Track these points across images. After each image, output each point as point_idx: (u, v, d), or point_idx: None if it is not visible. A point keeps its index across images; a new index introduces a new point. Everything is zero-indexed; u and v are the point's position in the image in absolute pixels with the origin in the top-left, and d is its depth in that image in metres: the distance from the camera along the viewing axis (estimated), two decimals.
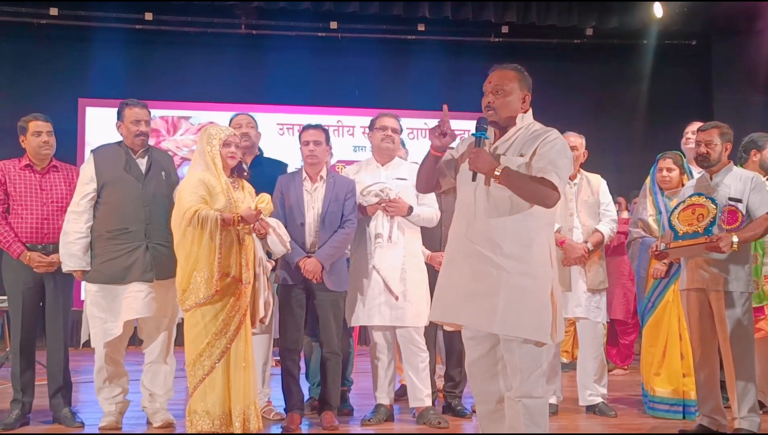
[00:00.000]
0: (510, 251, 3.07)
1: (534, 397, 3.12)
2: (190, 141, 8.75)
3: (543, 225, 3.16)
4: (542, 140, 3.13)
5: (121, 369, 4.55)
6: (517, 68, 3.24)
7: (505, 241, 3.08)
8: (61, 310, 4.58)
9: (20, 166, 4.59)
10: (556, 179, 3.05)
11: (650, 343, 4.90)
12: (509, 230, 3.09)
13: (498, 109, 3.17)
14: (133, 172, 4.46)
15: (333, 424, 4.48)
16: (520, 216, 3.10)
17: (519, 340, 3.08)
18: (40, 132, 4.57)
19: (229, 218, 4.04)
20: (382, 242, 4.63)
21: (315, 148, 4.57)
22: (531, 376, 3.10)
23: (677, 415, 4.76)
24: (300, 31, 9.01)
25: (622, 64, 9.60)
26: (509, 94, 3.18)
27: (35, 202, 4.54)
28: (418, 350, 4.64)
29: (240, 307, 4.12)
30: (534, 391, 3.11)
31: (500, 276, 3.06)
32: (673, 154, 4.99)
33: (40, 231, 4.51)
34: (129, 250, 4.35)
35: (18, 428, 4.46)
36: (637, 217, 5.04)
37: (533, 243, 3.10)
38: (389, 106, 6.31)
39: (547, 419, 3.20)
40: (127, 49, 8.53)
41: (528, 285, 3.07)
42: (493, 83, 3.18)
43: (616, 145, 9.10)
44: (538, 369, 3.12)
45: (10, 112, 8.40)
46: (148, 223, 4.37)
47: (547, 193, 3.06)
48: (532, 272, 3.08)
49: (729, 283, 4.16)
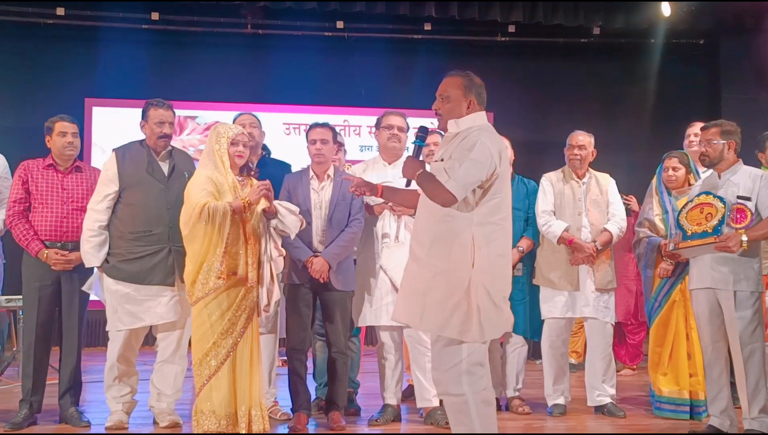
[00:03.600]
0: (433, 251, 3.23)
1: (452, 395, 3.19)
2: (197, 141, 8.75)
3: (469, 225, 3.24)
4: (459, 145, 3.27)
5: (132, 368, 4.56)
6: (461, 74, 3.40)
7: (429, 241, 3.25)
8: (78, 309, 4.59)
9: (43, 166, 4.62)
10: (444, 177, 3.18)
11: (657, 342, 4.88)
12: (432, 231, 3.26)
13: (444, 115, 3.37)
14: (155, 174, 4.47)
15: (340, 424, 4.47)
16: (443, 217, 3.24)
17: (440, 338, 3.22)
18: (65, 132, 4.60)
19: (239, 205, 4.04)
20: (390, 242, 4.62)
21: (322, 146, 4.56)
22: (447, 374, 3.20)
23: (684, 415, 4.74)
24: (306, 31, 8.99)
25: (630, 63, 9.55)
26: (452, 101, 3.35)
27: (56, 200, 4.56)
28: (425, 350, 4.61)
29: (246, 307, 4.11)
30: (452, 389, 3.19)
31: (425, 275, 3.22)
32: (678, 153, 4.97)
33: (59, 229, 4.53)
34: (152, 252, 4.38)
35: (26, 428, 4.46)
36: (644, 216, 5.02)
37: (454, 243, 3.21)
38: (395, 105, 6.28)
39: (475, 418, 3.17)
40: (133, 49, 8.52)
41: (445, 284, 3.19)
42: (440, 90, 3.38)
43: (624, 145, 9.05)
44: (455, 367, 3.18)
45: (17, 112, 8.49)
46: (170, 225, 4.37)
47: (439, 193, 3.19)
48: (450, 271, 3.19)
49: (738, 283, 4.14)
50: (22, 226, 4.51)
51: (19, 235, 4.51)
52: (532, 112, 9.21)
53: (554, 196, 4.99)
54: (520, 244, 5.00)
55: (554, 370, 4.96)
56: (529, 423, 4.75)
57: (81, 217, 4.52)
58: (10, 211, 4.54)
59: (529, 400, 5.11)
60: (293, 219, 4.26)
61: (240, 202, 4.06)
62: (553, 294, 4.92)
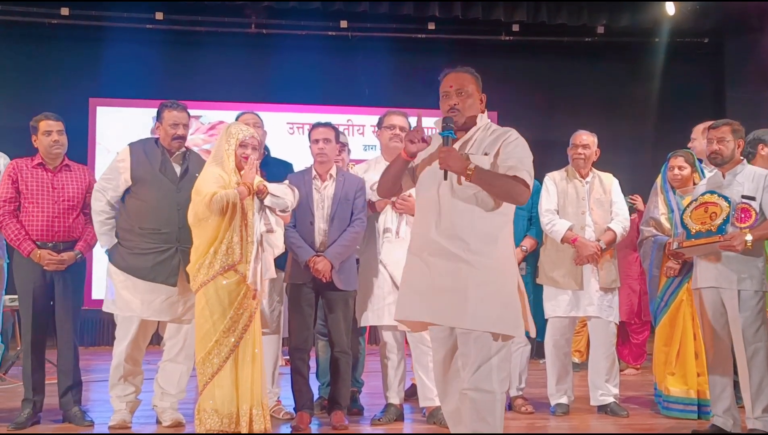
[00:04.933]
0: (476, 248, 3.13)
1: (483, 391, 3.11)
2: (201, 140, 8.76)
3: (507, 222, 3.27)
4: (504, 140, 3.23)
5: (138, 368, 4.57)
6: (471, 71, 3.36)
7: (471, 238, 3.14)
8: (71, 308, 4.59)
9: (32, 165, 4.60)
10: (527, 177, 3.17)
11: (664, 342, 4.87)
12: (476, 227, 3.16)
13: (462, 110, 3.27)
14: (168, 174, 4.48)
15: (343, 424, 4.47)
16: (486, 213, 3.18)
17: (476, 333, 3.11)
18: (50, 131, 4.58)
19: (243, 190, 4.07)
20: (391, 237, 4.61)
21: (325, 145, 4.56)
22: (481, 369, 3.11)
23: (692, 414, 4.71)
24: (310, 31, 9.00)
25: (634, 63, 9.54)
26: (471, 96, 3.29)
27: (46, 200, 4.54)
28: (427, 349, 4.59)
29: (248, 305, 4.11)
30: (483, 385, 3.11)
31: (468, 272, 3.11)
32: (684, 152, 4.96)
33: (50, 229, 4.52)
34: (159, 251, 4.38)
35: (29, 427, 4.47)
36: (649, 215, 5.01)
37: (498, 239, 3.19)
38: (399, 105, 6.27)
39: (499, 418, 3.13)
40: (138, 49, 8.53)
41: (495, 280, 3.14)
42: (456, 86, 3.28)
43: (628, 144, 9.04)
44: (489, 361, 3.12)
45: (22, 112, 8.40)
46: (180, 226, 4.37)
47: (520, 190, 3.16)
48: (499, 267, 3.16)
49: (743, 282, 4.13)
50: (12, 225, 4.49)
51: (10, 235, 4.49)
52: (536, 111, 9.19)
53: (557, 196, 4.98)
54: (524, 243, 4.99)
55: (557, 369, 4.95)
56: (531, 422, 4.75)
57: (72, 216, 4.54)
58: (0, 211, 4.52)
59: (532, 399, 5.11)
60: (284, 188, 4.26)
61: (243, 187, 4.08)
62: (557, 293, 4.91)
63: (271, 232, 4.23)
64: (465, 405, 3.16)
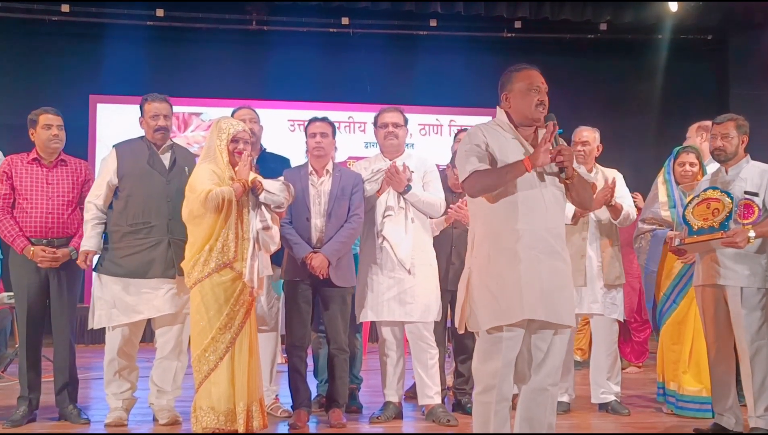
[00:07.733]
0: (563, 246, 3.27)
1: (557, 385, 3.31)
2: (201, 137, 8.74)
3: None
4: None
5: (133, 363, 4.53)
6: None
7: (563, 237, 3.28)
8: (67, 306, 4.55)
9: (27, 160, 4.56)
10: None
11: (673, 340, 4.78)
12: (563, 226, 3.31)
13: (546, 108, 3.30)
14: (156, 166, 4.45)
15: (341, 422, 4.43)
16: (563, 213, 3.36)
17: (563, 330, 3.26)
18: (50, 125, 4.55)
19: (239, 187, 4.03)
20: (393, 214, 4.56)
21: (322, 139, 4.52)
22: (558, 364, 3.27)
23: (707, 413, 4.55)
24: (311, 27, 8.99)
25: (637, 60, 9.51)
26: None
27: (41, 196, 4.51)
28: (427, 347, 4.58)
29: (244, 302, 4.08)
30: (558, 379, 3.30)
31: (566, 270, 3.26)
32: (694, 148, 4.90)
33: (45, 225, 4.48)
34: (151, 245, 4.35)
35: (24, 425, 4.44)
36: (648, 210, 4.95)
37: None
38: (401, 102, 6.26)
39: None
40: (138, 46, 8.53)
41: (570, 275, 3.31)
42: (545, 85, 3.27)
43: (631, 141, 9.01)
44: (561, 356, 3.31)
45: (22, 109, 8.34)
46: (170, 218, 4.34)
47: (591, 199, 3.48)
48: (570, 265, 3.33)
49: (745, 279, 4.08)
50: (6, 222, 4.46)
51: (3, 232, 4.47)
52: None
53: None
54: None
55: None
56: None
57: (67, 212, 4.51)
58: None
59: None
60: (278, 185, 4.21)
61: (238, 184, 4.04)
62: None
63: (268, 230, 4.19)
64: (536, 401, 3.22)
